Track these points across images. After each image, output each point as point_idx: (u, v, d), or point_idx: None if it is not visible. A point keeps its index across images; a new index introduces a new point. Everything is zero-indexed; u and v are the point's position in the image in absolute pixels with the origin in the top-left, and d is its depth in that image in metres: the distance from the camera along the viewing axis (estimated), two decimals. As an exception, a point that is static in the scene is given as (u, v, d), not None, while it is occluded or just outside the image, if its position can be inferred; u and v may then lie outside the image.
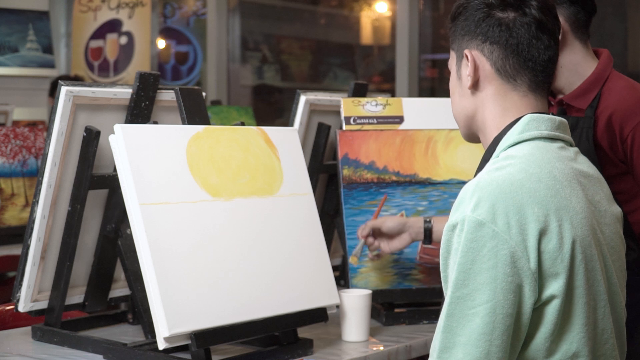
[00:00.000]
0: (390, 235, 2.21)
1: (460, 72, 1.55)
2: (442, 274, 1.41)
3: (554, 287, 1.35)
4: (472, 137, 1.60)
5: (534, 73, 1.50)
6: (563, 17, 2.04)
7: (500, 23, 1.49)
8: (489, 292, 1.33)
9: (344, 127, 2.53)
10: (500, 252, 1.33)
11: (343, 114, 2.56)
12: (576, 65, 2.07)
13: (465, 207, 1.37)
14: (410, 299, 2.35)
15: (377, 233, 2.22)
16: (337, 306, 2.09)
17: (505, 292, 1.33)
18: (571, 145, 1.53)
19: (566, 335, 1.38)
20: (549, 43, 1.50)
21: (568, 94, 2.08)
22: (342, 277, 2.68)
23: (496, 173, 1.40)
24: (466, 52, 1.52)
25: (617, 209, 1.55)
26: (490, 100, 1.52)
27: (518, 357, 1.39)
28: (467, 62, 1.52)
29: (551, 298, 1.36)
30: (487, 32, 1.50)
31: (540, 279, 1.35)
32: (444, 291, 1.40)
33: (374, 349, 2.04)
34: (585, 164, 1.52)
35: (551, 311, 1.36)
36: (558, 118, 1.51)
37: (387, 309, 2.31)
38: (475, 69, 1.51)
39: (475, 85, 1.53)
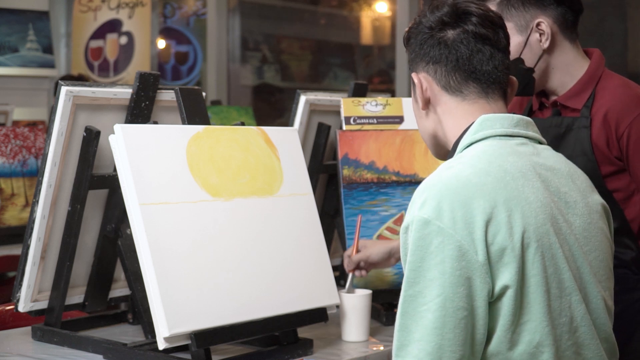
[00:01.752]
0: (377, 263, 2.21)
1: (415, 95, 1.62)
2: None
3: (506, 277, 1.37)
4: (442, 153, 1.65)
5: (480, 82, 1.56)
6: (551, 19, 2.05)
7: (439, 43, 1.55)
8: (438, 287, 1.35)
9: (344, 127, 2.53)
10: (446, 247, 1.36)
11: (343, 114, 2.56)
12: (568, 66, 2.08)
13: (414, 208, 1.41)
14: (410, 299, 2.35)
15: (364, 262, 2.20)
16: (337, 306, 2.09)
17: (454, 286, 1.35)
18: (540, 143, 1.56)
19: (526, 325, 1.39)
20: (491, 53, 1.55)
21: (562, 94, 2.08)
22: (342, 277, 2.68)
23: (445, 172, 1.44)
24: (413, 75, 1.60)
25: (594, 200, 1.56)
26: (445, 115, 1.58)
27: (482, 352, 1.40)
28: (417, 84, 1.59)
29: (505, 289, 1.37)
30: (430, 53, 1.57)
31: (492, 270, 1.37)
32: None
33: (374, 349, 2.04)
34: (551, 159, 1.54)
35: (507, 302, 1.38)
36: (517, 116, 1.54)
37: (387, 309, 2.31)
38: (423, 90, 1.58)
39: (426, 105, 1.59)
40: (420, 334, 1.36)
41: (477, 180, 1.40)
